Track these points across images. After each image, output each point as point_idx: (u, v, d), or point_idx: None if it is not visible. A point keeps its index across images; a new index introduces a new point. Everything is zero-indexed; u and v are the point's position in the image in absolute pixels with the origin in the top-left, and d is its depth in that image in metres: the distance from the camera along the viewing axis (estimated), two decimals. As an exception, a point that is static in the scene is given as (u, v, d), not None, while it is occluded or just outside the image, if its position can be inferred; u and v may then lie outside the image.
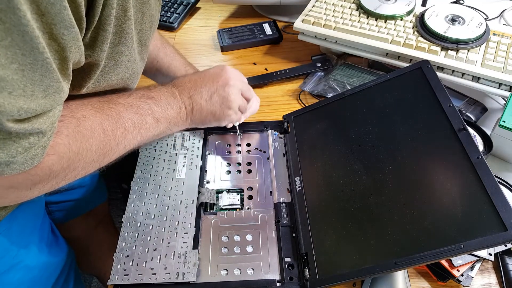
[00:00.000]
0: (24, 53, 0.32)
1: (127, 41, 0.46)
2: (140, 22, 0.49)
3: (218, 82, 0.57)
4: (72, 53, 0.37)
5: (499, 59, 0.68)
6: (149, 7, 0.50)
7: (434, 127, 0.52)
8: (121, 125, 0.48)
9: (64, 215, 0.81)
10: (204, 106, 0.57)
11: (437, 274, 0.51)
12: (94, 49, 0.42)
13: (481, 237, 0.41)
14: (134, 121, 0.50)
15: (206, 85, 0.57)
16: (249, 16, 0.99)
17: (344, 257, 0.48)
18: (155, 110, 0.53)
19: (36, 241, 0.63)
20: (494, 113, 0.71)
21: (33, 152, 0.38)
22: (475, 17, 0.73)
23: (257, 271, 0.50)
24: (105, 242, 0.91)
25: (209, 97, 0.57)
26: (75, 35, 0.36)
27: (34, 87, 0.34)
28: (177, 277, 0.49)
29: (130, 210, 0.56)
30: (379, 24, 0.75)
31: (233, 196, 0.59)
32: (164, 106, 0.54)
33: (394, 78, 0.61)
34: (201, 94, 0.57)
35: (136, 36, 0.50)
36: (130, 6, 0.43)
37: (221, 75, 0.58)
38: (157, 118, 0.53)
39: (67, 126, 0.42)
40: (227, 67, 0.59)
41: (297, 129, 0.65)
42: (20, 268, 0.59)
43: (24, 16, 0.30)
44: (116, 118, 0.48)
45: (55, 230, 0.72)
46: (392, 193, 0.50)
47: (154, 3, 0.52)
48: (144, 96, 0.53)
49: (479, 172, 0.45)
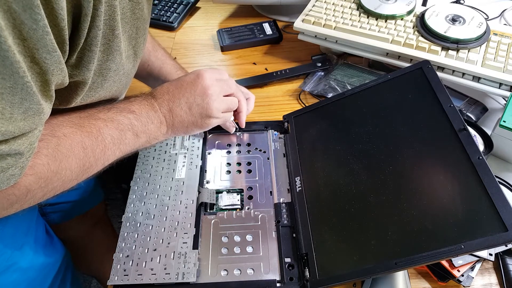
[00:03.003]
0: (4, 77, 0.32)
1: (115, 58, 0.46)
2: (135, 37, 0.50)
3: (196, 92, 0.55)
4: (54, 76, 0.37)
5: (500, 59, 0.67)
6: (143, 21, 0.50)
7: (434, 127, 0.52)
8: (101, 142, 0.48)
9: (60, 217, 0.80)
10: (185, 118, 0.56)
11: (438, 275, 0.51)
12: (81, 69, 0.42)
13: (481, 238, 0.41)
14: (113, 137, 0.49)
15: (184, 96, 0.55)
16: (249, 15, 0.98)
17: (344, 257, 0.48)
18: (135, 125, 0.51)
19: (30, 243, 0.63)
20: (495, 113, 0.71)
21: (10, 172, 0.37)
22: (475, 17, 0.73)
23: (257, 271, 0.50)
24: (102, 243, 0.91)
25: (188, 109, 0.55)
26: (58, 59, 0.36)
27: (13, 110, 0.34)
28: (177, 278, 0.49)
29: (129, 210, 0.56)
30: (380, 24, 0.75)
31: (233, 196, 0.59)
32: (144, 120, 0.52)
33: (395, 78, 0.61)
34: (180, 106, 0.55)
35: (132, 51, 0.51)
36: (118, 25, 0.43)
37: (198, 84, 0.55)
38: (136, 133, 0.52)
39: (47, 146, 0.42)
40: (202, 73, 0.56)
41: (297, 129, 0.65)
42: (15, 270, 0.59)
43: (5, 41, 0.31)
44: (96, 135, 0.47)
45: (50, 231, 0.71)
46: (392, 193, 0.49)
47: (147, 14, 0.52)
48: (125, 110, 0.51)
49: (479, 172, 0.45)
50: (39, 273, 0.64)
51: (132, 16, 0.47)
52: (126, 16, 0.46)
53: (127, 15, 0.46)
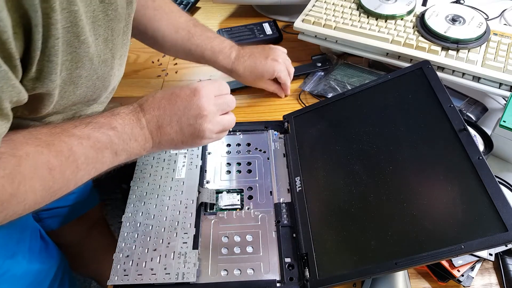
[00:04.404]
0: None
1: (85, 65, 0.44)
2: (111, 39, 0.48)
3: (190, 111, 0.49)
4: (5, 93, 0.35)
5: (500, 59, 0.67)
6: (117, 21, 0.48)
7: (434, 128, 0.52)
8: (72, 162, 0.42)
9: (56, 222, 0.80)
10: (174, 137, 0.50)
11: (438, 275, 0.51)
12: (43, 81, 0.40)
13: (481, 238, 0.41)
14: (88, 156, 0.44)
15: (177, 114, 0.49)
16: (249, 15, 0.98)
17: (344, 258, 0.48)
18: (115, 143, 0.46)
19: (23, 250, 0.62)
20: (495, 113, 0.71)
21: None
22: (475, 17, 0.73)
23: (257, 271, 0.50)
24: (100, 244, 0.91)
25: (179, 128, 0.50)
26: (4, 74, 0.34)
27: None
28: (177, 278, 0.49)
29: (129, 210, 0.56)
30: (380, 24, 0.75)
31: (233, 196, 0.59)
32: (126, 138, 0.47)
33: (395, 78, 0.61)
34: (170, 124, 0.49)
35: (109, 54, 0.48)
36: (83, 31, 0.41)
37: (193, 102, 0.49)
38: (116, 151, 0.46)
39: (4, 166, 0.37)
40: (200, 90, 0.50)
41: (297, 129, 0.65)
42: (7, 278, 0.58)
43: None
44: (67, 155, 0.42)
45: (45, 237, 0.71)
46: (392, 193, 0.49)
47: (123, 13, 0.50)
48: (105, 125, 0.46)
49: (479, 172, 0.45)
50: (34, 280, 0.64)
51: (105, 18, 0.45)
52: (99, 19, 0.44)
53: (99, 18, 0.44)
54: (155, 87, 0.80)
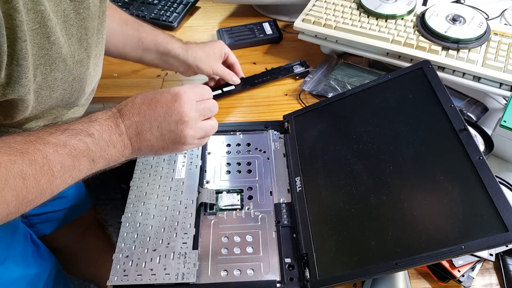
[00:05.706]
0: None
1: (59, 66, 0.43)
2: (85, 38, 0.47)
3: (171, 117, 0.48)
4: None
5: (500, 59, 0.67)
6: (90, 20, 0.47)
7: (435, 128, 0.52)
8: (47, 171, 0.41)
9: (48, 227, 0.79)
10: (155, 143, 0.49)
11: (438, 275, 0.51)
12: (13, 86, 0.38)
13: (482, 238, 0.41)
14: (64, 164, 0.42)
15: (157, 120, 0.48)
16: (249, 15, 0.98)
17: (344, 258, 0.48)
18: (93, 151, 0.44)
19: (14, 256, 0.62)
20: (495, 113, 0.71)
21: None
22: (476, 16, 0.73)
23: (257, 271, 0.50)
24: (95, 247, 0.90)
25: (160, 134, 0.48)
26: None
27: None
28: (176, 278, 0.49)
29: (129, 210, 0.56)
30: (380, 24, 0.75)
31: (233, 196, 0.59)
32: (104, 145, 0.45)
33: (395, 78, 0.61)
34: (151, 131, 0.48)
35: (85, 53, 0.47)
36: (53, 31, 0.39)
37: (174, 108, 0.48)
38: (93, 158, 0.45)
39: None
40: (181, 94, 0.49)
41: (297, 129, 0.65)
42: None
43: None
44: (42, 163, 0.40)
45: (37, 241, 0.70)
46: (393, 193, 0.49)
47: (95, 12, 0.49)
48: (82, 132, 0.44)
49: (480, 172, 0.45)
50: (27, 285, 0.63)
51: (77, 17, 0.44)
52: (70, 18, 0.43)
53: (70, 17, 0.43)
54: (155, 87, 0.80)
